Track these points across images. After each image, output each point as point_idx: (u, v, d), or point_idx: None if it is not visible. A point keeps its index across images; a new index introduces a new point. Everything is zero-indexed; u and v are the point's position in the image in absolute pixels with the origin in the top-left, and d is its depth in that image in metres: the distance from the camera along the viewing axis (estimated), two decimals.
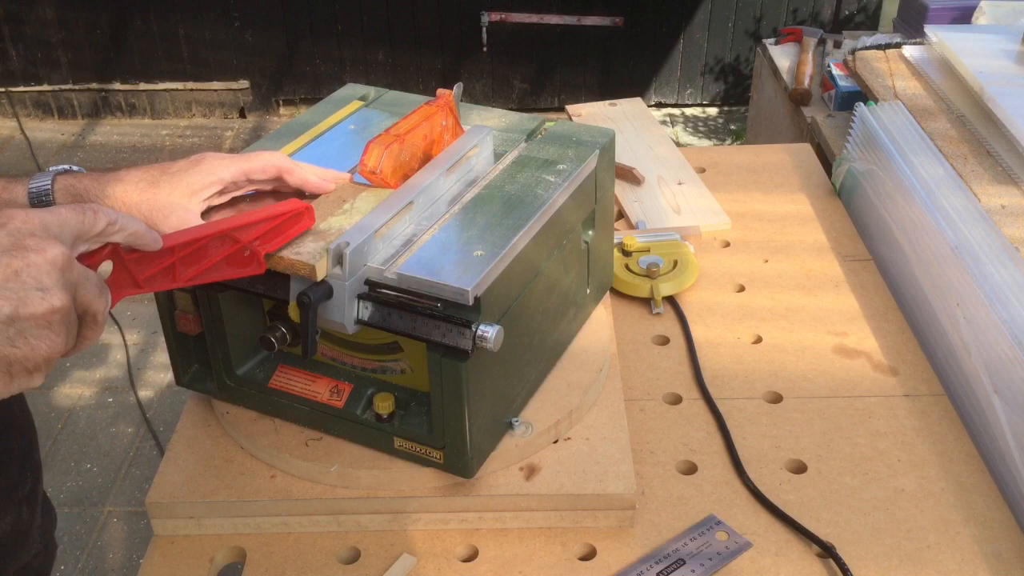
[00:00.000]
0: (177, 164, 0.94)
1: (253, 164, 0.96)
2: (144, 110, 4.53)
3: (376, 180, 0.98)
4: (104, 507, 2.54)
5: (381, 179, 0.98)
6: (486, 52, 4.39)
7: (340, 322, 0.89)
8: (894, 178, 1.44)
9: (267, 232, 0.85)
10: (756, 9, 4.32)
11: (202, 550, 1.00)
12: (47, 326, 0.65)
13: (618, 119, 1.84)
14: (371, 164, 0.97)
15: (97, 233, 0.72)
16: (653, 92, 4.54)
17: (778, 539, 0.99)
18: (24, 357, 0.64)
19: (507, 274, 0.92)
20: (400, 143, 0.99)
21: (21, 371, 0.64)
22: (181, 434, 1.08)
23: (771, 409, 1.16)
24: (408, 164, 1.01)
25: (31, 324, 0.64)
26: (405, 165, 1.00)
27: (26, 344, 0.64)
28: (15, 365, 0.64)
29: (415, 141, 1.01)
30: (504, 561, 0.97)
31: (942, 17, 2.15)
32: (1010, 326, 1.09)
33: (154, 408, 2.86)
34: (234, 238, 0.83)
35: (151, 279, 0.78)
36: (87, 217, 0.71)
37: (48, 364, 0.66)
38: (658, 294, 1.33)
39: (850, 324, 1.30)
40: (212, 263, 0.82)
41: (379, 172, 0.97)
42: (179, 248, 0.79)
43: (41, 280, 0.64)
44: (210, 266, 0.82)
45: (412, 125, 1.01)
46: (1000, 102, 1.51)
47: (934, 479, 1.06)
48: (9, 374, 0.64)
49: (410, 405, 0.99)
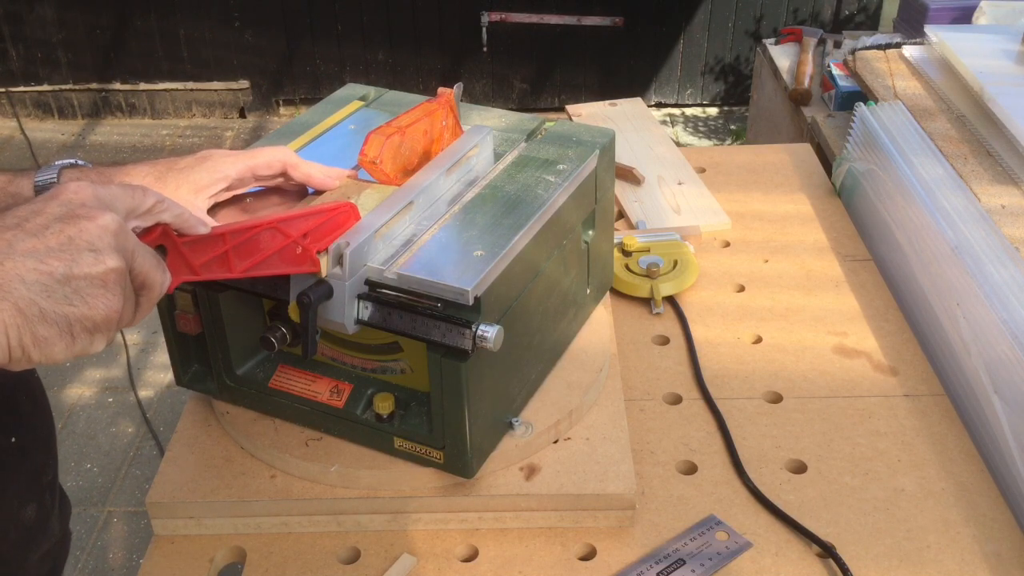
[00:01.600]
0: (184, 160, 0.94)
1: (258, 160, 0.97)
2: (144, 110, 4.53)
3: (376, 171, 0.98)
4: (104, 507, 2.54)
5: (381, 170, 0.97)
6: (486, 52, 4.40)
7: (340, 322, 0.89)
8: (894, 178, 1.44)
9: (315, 229, 0.86)
10: (756, 9, 4.32)
11: (202, 550, 1.00)
12: (103, 286, 0.66)
13: (618, 119, 1.84)
14: (371, 154, 0.96)
15: (146, 210, 0.74)
16: (653, 92, 4.54)
17: (778, 539, 0.99)
18: (83, 316, 0.65)
19: (507, 274, 0.92)
20: (401, 135, 0.99)
21: (82, 331, 0.66)
22: (181, 434, 1.08)
23: (771, 409, 1.16)
24: (408, 158, 1.01)
25: (86, 283, 0.66)
26: (405, 158, 1.00)
27: (83, 303, 0.65)
28: (75, 324, 0.65)
29: (415, 135, 1.01)
30: (504, 561, 0.97)
31: (942, 17, 2.15)
32: (1010, 326, 1.09)
33: (154, 408, 2.86)
34: (283, 232, 0.84)
35: (207, 266, 0.81)
36: (136, 194, 0.73)
37: (108, 326, 0.68)
38: (658, 294, 1.33)
39: (850, 324, 1.30)
40: (265, 256, 0.84)
41: (379, 162, 0.97)
42: (229, 236, 0.81)
43: (93, 243, 0.66)
44: (263, 259, 0.84)
45: (413, 119, 1.01)
46: (1000, 102, 1.51)
47: (934, 479, 1.06)
48: (71, 334, 0.65)
49: (410, 405, 0.99)
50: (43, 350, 0.65)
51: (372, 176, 0.99)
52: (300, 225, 0.85)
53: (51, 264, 0.65)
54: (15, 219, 0.67)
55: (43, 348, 0.65)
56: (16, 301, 0.63)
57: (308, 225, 0.86)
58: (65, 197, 0.69)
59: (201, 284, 0.95)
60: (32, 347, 0.64)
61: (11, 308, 0.63)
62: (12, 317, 0.63)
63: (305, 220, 0.86)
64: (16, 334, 0.63)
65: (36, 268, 0.64)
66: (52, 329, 0.65)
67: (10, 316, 0.63)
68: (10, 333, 0.63)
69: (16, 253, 0.64)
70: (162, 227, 0.77)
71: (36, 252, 0.65)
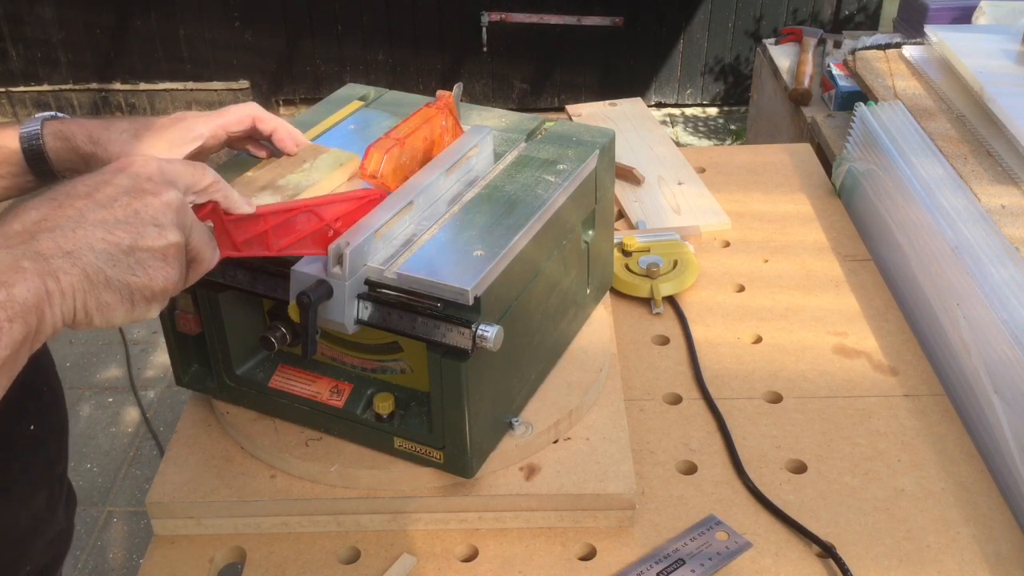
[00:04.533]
0: (160, 120, 1.00)
1: (228, 118, 1.03)
2: (144, 110, 4.53)
3: (376, 184, 0.98)
4: (104, 507, 2.54)
5: (381, 183, 0.98)
6: (486, 52, 4.39)
7: (340, 322, 0.89)
8: (894, 178, 1.44)
9: (347, 214, 0.91)
10: (756, 9, 4.32)
11: (202, 550, 1.00)
12: (163, 259, 0.70)
13: (618, 119, 1.84)
14: (371, 168, 0.97)
15: (202, 188, 0.79)
16: (653, 92, 4.54)
17: (778, 539, 0.99)
18: (143, 285, 0.69)
19: (507, 274, 0.92)
20: (400, 146, 0.99)
21: (141, 299, 0.70)
22: (181, 434, 1.08)
23: (771, 409, 1.16)
24: (408, 167, 1.01)
25: (148, 256, 0.70)
26: (405, 168, 1.01)
27: (144, 274, 0.69)
28: (136, 293, 0.69)
29: (415, 144, 1.02)
30: (504, 561, 0.97)
31: (942, 17, 2.15)
32: (1010, 326, 1.09)
33: (154, 408, 2.86)
34: (318, 215, 0.88)
35: (248, 243, 0.85)
36: (196, 171, 0.78)
37: (164, 296, 0.72)
38: (658, 294, 1.33)
39: (850, 324, 1.30)
40: (300, 237, 0.88)
41: (379, 176, 0.97)
42: (270, 216, 0.85)
43: (157, 218, 0.70)
44: (298, 240, 0.88)
45: (412, 128, 1.01)
46: (1000, 102, 1.51)
47: (934, 479, 1.06)
48: (131, 301, 0.69)
49: (410, 405, 0.99)
50: (105, 315, 0.68)
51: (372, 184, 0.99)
52: (333, 210, 0.90)
53: (118, 235, 0.68)
54: (85, 188, 0.70)
55: (105, 313, 0.68)
56: (85, 268, 0.66)
57: (340, 211, 0.90)
58: (133, 170, 0.72)
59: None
60: (95, 312, 0.67)
61: (80, 274, 0.66)
62: (80, 282, 0.66)
63: (338, 205, 0.90)
64: (82, 298, 0.66)
65: (104, 238, 0.68)
66: (115, 296, 0.68)
67: (78, 281, 0.66)
68: (77, 297, 0.66)
69: (87, 223, 0.68)
70: (212, 204, 0.81)
71: (105, 223, 0.68)
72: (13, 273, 0.62)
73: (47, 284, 0.64)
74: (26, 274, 0.63)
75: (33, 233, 0.65)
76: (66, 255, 0.66)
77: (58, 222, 0.67)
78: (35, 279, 0.63)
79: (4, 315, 0.60)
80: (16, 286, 0.62)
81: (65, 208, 0.68)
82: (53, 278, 0.64)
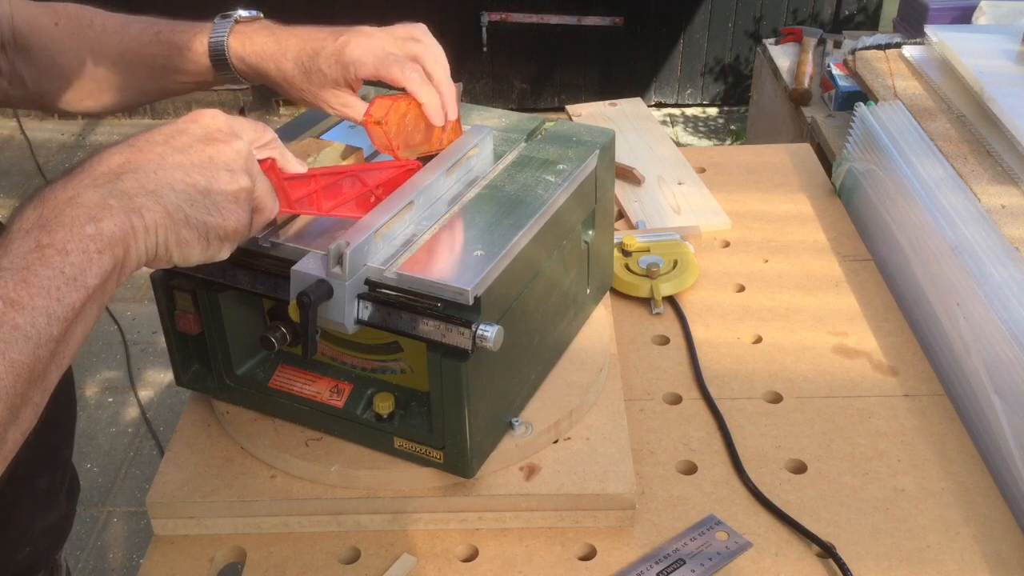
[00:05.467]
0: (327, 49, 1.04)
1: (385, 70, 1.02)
2: (144, 110, 4.52)
3: (379, 132, 0.99)
4: (104, 507, 2.54)
5: (384, 132, 0.98)
6: (486, 52, 4.40)
7: (340, 322, 0.89)
8: (894, 178, 1.44)
9: (387, 182, 0.96)
10: (756, 9, 4.32)
11: (202, 550, 1.00)
12: (235, 201, 0.76)
13: (618, 119, 1.84)
14: (377, 115, 0.98)
15: (264, 143, 0.85)
16: (653, 92, 4.54)
17: (778, 539, 0.99)
18: (218, 225, 0.75)
19: (507, 274, 0.92)
20: (407, 102, 1.01)
21: (215, 238, 0.76)
22: (181, 434, 1.08)
23: (771, 409, 1.16)
24: (411, 132, 1.02)
25: (222, 198, 0.75)
26: (408, 131, 1.01)
27: (219, 214, 0.75)
28: (211, 232, 0.75)
29: (419, 112, 1.02)
30: (504, 561, 0.97)
31: (942, 17, 2.15)
32: (1010, 326, 1.09)
33: (154, 408, 2.86)
34: (362, 180, 0.94)
35: (300, 202, 0.90)
36: (258, 127, 0.85)
37: (235, 237, 0.78)
38: (658, 294, 1.33)
39: (850, 324, 1.30)
40: (345, 200, 0.93)
41: (384, 123, 0.98)
42: (320, 178, 0.90)
43: (229, 164, 0.76)
44: (344, 202, 0.93)
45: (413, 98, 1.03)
46: (1000, 102, 1.51)
47: (934, 479, 1.06)
48: (207, 239, 0.75)
49: (410, 405, 0.99)
50: (183, 251, 0.74)
51: (374, 139, 1.00)
52: (375, 176, 0.95)
53: (195, 178, 0.74)
54: (162, 136, 0.76)
55: (183, 249, 0.74)
56: (166, 206, 0.71)
57: (382, 178, 0.95)
58: (204, 122, 0.78)
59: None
60: (175, 248, 0.73)
61: (162, 211, 0.71)
62: (162, 219, 0.71)
63: (379, 172, 0.96)
64: (164, 235, 0.71)
65: (183, 179, 0.73)
66: (193, 233, 0.74)
67: (161, 218, 0.71)
68: (159, 233, 0.71)
69: (167, 165, 0.73)
70: (270, 161, 0.86)
71: (183, 166, 0.74)
72: (101, 209, 0.67)
73: (132, 220, 0.69)
74: (113, 211, 0.68)
75: (118, 174, 0.70)
76: (149, 193, 0.70)
77: (140, 164, 0.72)
78: (121, 215, 0.68)
79: (94, 246, 0.65)
80: (104, 221, 0.67)
81: (146, 152, 0.73)
82: (138, 215, 0.69)
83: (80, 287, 0.64)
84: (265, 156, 0.85)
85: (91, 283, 0.65)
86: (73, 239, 0.65)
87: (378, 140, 1.00)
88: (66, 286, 0.64)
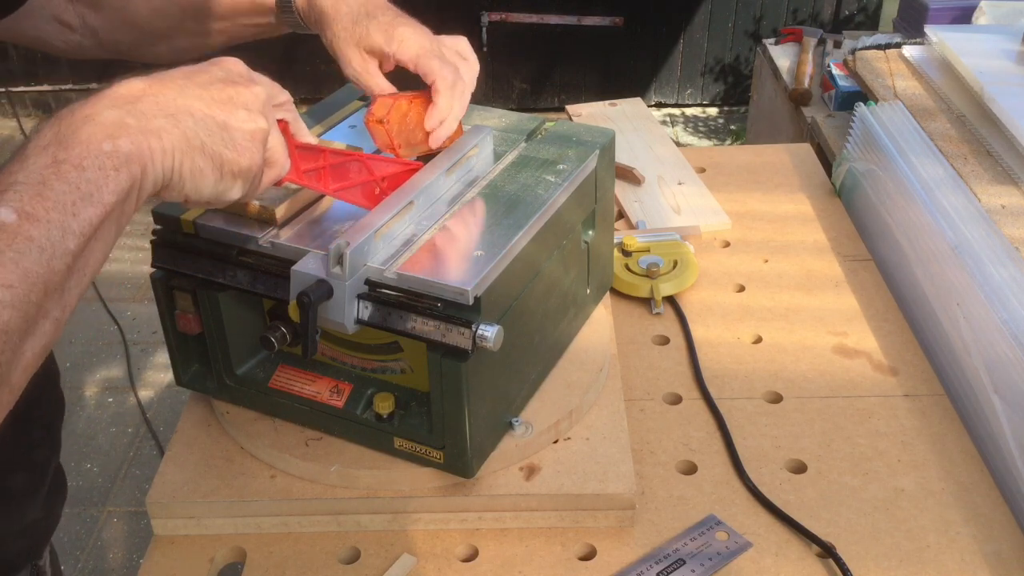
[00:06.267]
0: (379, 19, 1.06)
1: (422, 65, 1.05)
2: None
3: (381, 131, 0.99)
4: (104, 507, 2.54)
5: (386, 131, 0.99)
6: (486, 52, 4.39)
7: (340, 322, 0.89)
8: (894, 178, 1.44)
9: (393, 176, 0.96)
10: (756, 9, 4.32)
11: (202, 550, 1.00)
12: (251, 140, 0.76)
13: (618, 119, 1.84)
14: (379, 113, 0.99)
15: (279, 103, 0.86)
16: (653, 92, 4.54)
17: (778, 539, 0.99)
18: (233, 160, 0.75)
19: (507, 274, 0.92)
20: (409, 101, 1.01)
21: (229, 173, 0.75)
22: (181, 434, 1.08)
23: (771, 409, 1.16)
24: (413, 131, 1.02)
25: (239, 135, 0.75)
26: (410, 130, 1.01)
27: (235, 149, 0.75)
28: (225, 165, 0.75)
29: (420, 111, 1.02)
30: (504, 561, 0.97)
31: (942, 17, 2.15)
32: (1010, 326, 1.09)
33: (154, 408, 2.86)
34: (369, 168, 0.94)
35: (308, 174, 0.90)
36: (275, 86, 0.85)
37: (247, 176, 0.77)
38: (658, 294, 1.33)
39: (850, 324, 1.30)
40: (352, 184, 0.94)
41: (386, 123, 0.99)
42: (329, 155, 0.91)
43: (248, 104, 0.77)
44: (350, 186, 0.93)
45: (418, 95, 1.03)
46: (1000, 102, 1.51)
47: (934, 479, 1.06)
48: (220, 172, 0.74)
49: (410, 405, 0.99)
50: (196, 181, 0.73)
51: (376, 138, 1.00)
52: (383, 168, 0.95)
53: (214, 110, 0.74)
54: (184, 72, 0.76)
55: (197, 179, 0.73)
56: (184, 130, 0.71)
57: (388, 170, 0.95)
58: (226, 65, 0.79)
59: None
60: (188, 176, 0.72)
61: (180, 135, 0.71)
62: (180, 142, 0.71)
63: (387, 164, 0.96)
64: (179, 159, 0.71)
65: (203, 110, 0.73)
66: (208, 163, 0.73)
67: (178, 141, 0.71)
68: (176, 157, 0.71)
69: (187, 95, 0.74)
70: (283, 124, 0.86)
71: (202, 98, 0.74)
72: (118, 128, 0.67)
73: (149, 140, 0.69)
74: (130, 129, 0.68)
75: (138, 97, 0.71)
76: (168, 116, 0.71)
77: (161, 91, 0.73)
78: (138, 135, 0.68)
79: (111, 163, 0.65)
80: (121, 139, 0.67)
81: (166, 82, 0.74)
82: (155, 135, 0.69)
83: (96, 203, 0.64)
84: (280, 116, 0.85)
85: (108, 200, 0.64)
86: (89, 155, 0.65)
87: (380, 139, 1.00)
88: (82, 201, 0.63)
